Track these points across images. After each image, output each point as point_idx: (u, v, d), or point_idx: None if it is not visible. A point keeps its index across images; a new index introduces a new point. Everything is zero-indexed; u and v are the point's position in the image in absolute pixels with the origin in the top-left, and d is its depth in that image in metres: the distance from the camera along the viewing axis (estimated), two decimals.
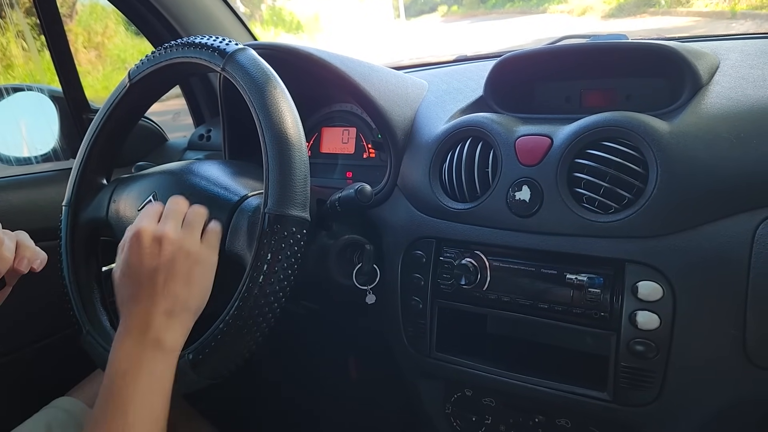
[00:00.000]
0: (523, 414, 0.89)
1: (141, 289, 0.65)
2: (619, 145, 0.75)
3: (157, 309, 0.64)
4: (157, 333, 0.63)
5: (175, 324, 0.65)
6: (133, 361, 0.62)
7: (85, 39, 6.50)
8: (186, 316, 0.66)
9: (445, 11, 15.77)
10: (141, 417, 0.59)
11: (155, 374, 0.62)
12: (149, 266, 0.66)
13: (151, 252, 0.67)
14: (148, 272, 0.66)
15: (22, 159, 1.35)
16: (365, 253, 0.87)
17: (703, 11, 7.38)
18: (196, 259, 0.68)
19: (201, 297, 0.68)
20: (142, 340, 0.63)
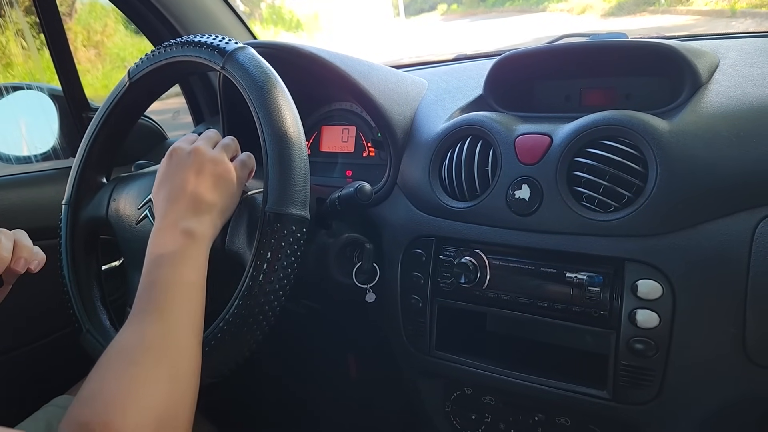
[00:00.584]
0: (522, 412, 0.89)
1: (173, 192, 0.71)
2: (618, 143, 0.75)
3: (188, 206, 0.70)
4: (187, 225, 0.68)
5: (203, 219, 0.70)
6: (167, 248, 0.66)
7: (85, 38, 6.49)
8: (214, 214, 0.71)
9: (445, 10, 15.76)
10: (179, 296, 0.63)
11: (187, 257, 0.66)
12: (181, 173, 0.72)
13: (184, 162, 0.73)
14: (180, 178, 0.72)
15: (21, 158, 1.35)
16: (365, 251, 0.87)
17: (702, 10, 7.37)
18: (225, 169, 0.73)
19: (227, 202, 0.73)
20: (174, 231, 0.68)
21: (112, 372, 0.56)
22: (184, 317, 0.62)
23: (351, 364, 1.33)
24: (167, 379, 0.57)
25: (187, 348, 0.61)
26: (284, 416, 1.45)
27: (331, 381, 1.38)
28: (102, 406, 0.52)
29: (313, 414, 1.42)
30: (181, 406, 0.57)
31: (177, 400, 0.57)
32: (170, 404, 0.55)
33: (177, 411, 0.56)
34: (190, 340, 0.62)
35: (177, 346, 0.60)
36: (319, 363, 1.37)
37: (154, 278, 0.64)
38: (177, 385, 0.58)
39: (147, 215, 0.86)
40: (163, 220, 0.69)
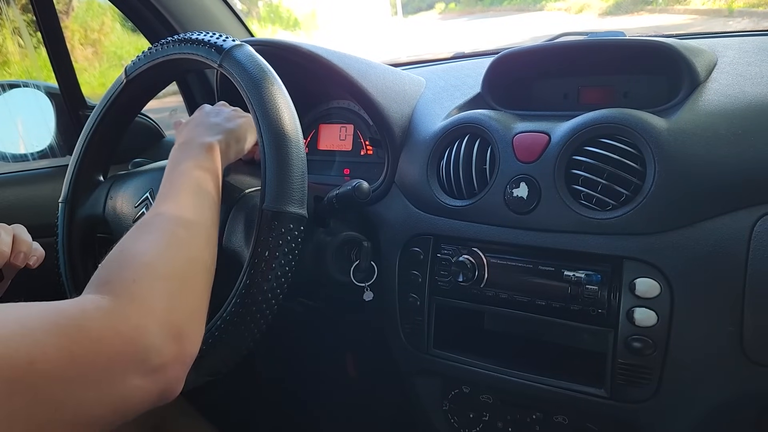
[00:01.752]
0: (520, 410, 0.89)
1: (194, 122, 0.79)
2: (616, 142, 0.75)
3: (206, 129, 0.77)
4: (205, 140, 0.74)
5: (220, 137, 0.76)
6: (184, 156, 0.72)
7: (82, 36, 6.48)
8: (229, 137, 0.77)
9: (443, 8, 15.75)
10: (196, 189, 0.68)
11: (203, 161, 0.71)
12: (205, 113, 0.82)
13: (210, 108, 0.83)
14: (203, 114, 0.81)
15: (18, 156, 1.35)
16: (363, 250, 0.87)
17: (700, 9, 7.38)
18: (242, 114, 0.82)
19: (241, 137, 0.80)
20: (191, 144, 0.74)
21: (130, 239, 0.60)
22: (200, 198, 0.67)
23: (349, 362, 1.33)
24: (183, 243, 0.60)
25: (202, 219, 0.65)
26: (282, 413, 1.45)
27: (328, 379, 1.38)
28: (118, 263, 0.56)
29: (310, 411, 1.42)
30: (197, 268, 0.60)
31: (193, 261, 0.60)
32: (185, 264, 0.59)
33: (192, 271, 0.59)
34: (204, 214, 0.66)
35: (192, 216, 0.64)
36: (316, 361, 1.37)
37: (173, 176, 0.69)
38: (193, 249, 0.61)
39: (144, 213, 0.85)
40: (182, 138, 0.76)
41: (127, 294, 0.51)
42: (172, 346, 0.51)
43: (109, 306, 0.49)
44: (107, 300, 0.50)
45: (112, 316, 0.49)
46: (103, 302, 0.50)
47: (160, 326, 0.51)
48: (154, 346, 0.50)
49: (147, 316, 0.50)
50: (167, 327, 0.51)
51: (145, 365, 0.49)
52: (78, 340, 0.45)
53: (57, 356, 0.43)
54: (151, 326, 0.50)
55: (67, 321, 0.46)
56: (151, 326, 0.50)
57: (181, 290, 0.56)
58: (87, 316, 0.47)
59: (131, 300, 0.51)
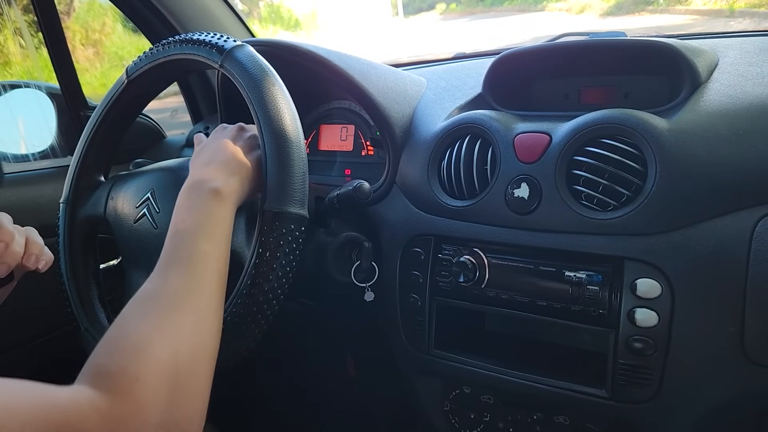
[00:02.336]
0: (521, 411, 0.89)
1: (208, 154, 0.73)
2: (617, 142, 0.75)
3: (219, 167, 0.71)
4: (215, 184, 0.68)
5: (232, 179, 0.70)
6: (194, 204, 0.67)
7: (83, 36, 6.48)
8: (243, 176, 0.72)
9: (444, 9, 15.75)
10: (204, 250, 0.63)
11: (213, 213, 0.66)
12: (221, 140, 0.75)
13: (226, 132, 0.77)
14: (219, 143, 0.74)
15: (19, 156, 1.35)
16: (364, 250, 0.87)
17: (701, 9, 7.38)
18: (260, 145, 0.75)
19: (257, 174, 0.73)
20: (201, 190, 0.68)
21: (133, 318, 0.55)
22: (209, 270, 0.62)
23: (349, 362, 1.33)
24: (188, 329, 0.56)
25: (210, 300, 0.61)
26: (282, 414, 1.45)
27: (329, 380, 1.38)
28: (120, 351, 0.51)
29: (311, 412, 1.42)
30: (201, 359, 0.56)
31: (197, 352, 0.56)
32: (190, 355, 0.55)
33: (196, 363, 0.55)
34: (213, 292, 0.61)
35: (200, 296, 0.59)
36: (317, 361, 1.37)
37: (179, 231, 0.64)
38: (197, 337, 0.57)
39: (145, 214, 0.85)
40: (193, 177, 0.71)
41: (128, 395, 0.48)
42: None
43: (107, 408, 0.46)
44: (105, 400, 0.47)
45: (109, 421, 0.46)
46: (101, 403, 0.46)
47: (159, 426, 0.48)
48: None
49: (147, 422, 0.48)
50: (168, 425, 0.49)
51: None
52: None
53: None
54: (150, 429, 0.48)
55: (60, 417, 0.44)
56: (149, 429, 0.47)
57: (185, 385, 0.53)
58: (82, 417, 0.44)
59: (131, 402, 0.48)
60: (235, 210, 0.70)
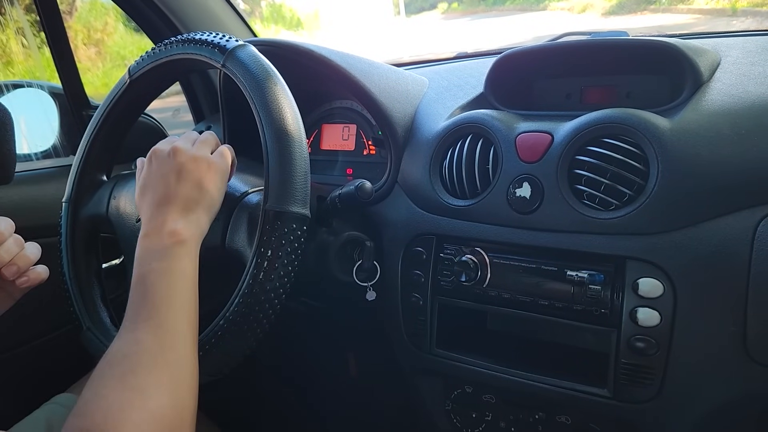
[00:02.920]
0: (523, 411, 0.89)
1: (156, 195, 0.70)
2: (619, 141, 0.75)
3: (171, 208, 0.68)
4: (173, 226, 0.66)
5: (189, 218, 0.68)
6: (153, 255, 0.64)
7: (85, 36, 6.49)
8: (200, 212, 0.69)
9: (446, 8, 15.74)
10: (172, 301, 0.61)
11: (177, 259, 0.64)
12: (163, 174, 0.71)
13: (165, 164, 0.71)
14: (163, 181, 0.70)
15: (22, 156, 1.35)
16: (365, 249, 0.87)
17: (703, 8, 7.36)
18: (207, 164, 0.71)
19: (213, 198, 0.71)
20: (160, 235, 0.66)
21: (108, 381, 0.54)
22: (179, 322, 0.61)
23: (351, 362, 1.33)
24: (166, 386, 0.55)
25: (184, 353, 0.59)
26: (284, 413, 1.45)
27: (331, 379, 1.38)
28: (101, 415, 0.51)
29: (313, 411, 1.42)
30: (182, 412, 0.56)
31: (177, 406, 0.55)
32: (170, 411, 0.54)
33: (178, 417, 0.55)
34: (186, 344, 0.60)
35: (173, 351, 0.58)
36: (319, 361, 1.37)
37: (144, 285, 0.62)
38: (176, 392, 0.56)
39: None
40: (149, 224, 0.68)
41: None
42: None
43: None
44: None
45: None
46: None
47: None
48: None
49: None
50: None
51: None
52: None
53: None
54: None
55: None
56: None
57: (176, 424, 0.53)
58: None
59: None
60: (198, 249, 0.68)
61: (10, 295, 0.76)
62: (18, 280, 0.73)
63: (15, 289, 0.74)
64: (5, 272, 0.72)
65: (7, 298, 0.76)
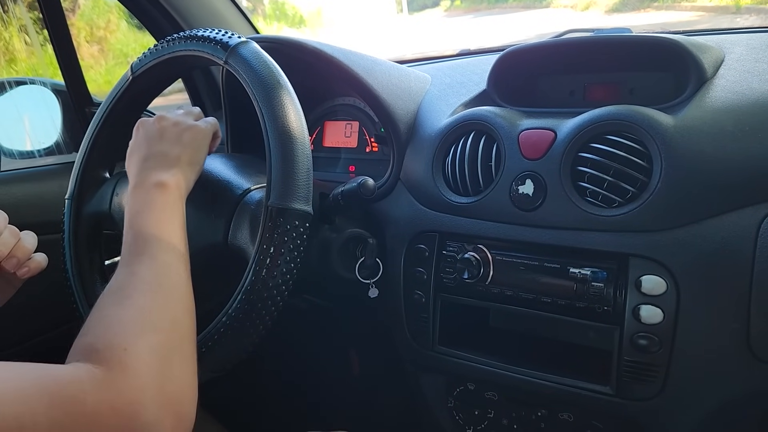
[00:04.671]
0: (525, 408, 0.89)
1: (140, 153, 0.75)
2: (623, 138, 0.74)
3: (154, 163, 0.72)
4: (158, 178, 0.70)
5: (172, 171, 0.72)
6: (143, 201, 0.68)
7: (88, 33, 6.49)
8: (183, 166, 0.73)
9: (448, 6, 15.72)
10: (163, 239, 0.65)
11: (163, 205, 0.68)
12: (147, 136, 0.76)
13: (150, 129, 0.77)
14: (147, 140, 0.76)
15: (25, 152, 1.35)
16: (368, 246, 0.87)
17: (707, 6, 7.34)
18: (187, 126, 0.77)
19: (193, 153, 0.75)
20: (146, 186, 0.70)
21: (107, 305, 0.57)
22: (170, 255, 0.64)
23: (353, 359, 1.33)
24: (162, 306, 0.58)
25: (177, 280, 0.62)
26: (286, 410, 1.45)
27: (333, 376, 1.38)
28: (103, 330, 0.53)
29: (315, 408, 1.42)
30: (180, 330, 0.58)
31: (175, 322, 0.58)
32: (168, 326, 0.57)
33: (177, 334, 0.57)
34: (179, 273, 0.63)
35: (167, 278, 0.61)
36: (321, 358, 1.37)
37: (136, 228, 0.66)
38: (172, 311, 0.59)
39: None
40: (136, 179, 0.72)
41: (120, 365, 0.49)
42: (169, 420, 0.50)
43: (103, 377, 0.48)
44: (100, 371, 0.48)
45: (107, 390, 0.47)
46: (98, 373, 0.48)
47: (155, 400, 0.49)
48: (150, 423, 0.48)
49: (142, 390, 0.49)
50: (163, 400, 0.50)
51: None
52: (71, 413, 0.44)
53: (48, 426, 0.42)
54: (147, 401, 0.48)
55: (61, 390, 0.45)
56: (147, 401, 0.48)
57: (171, 357, 0.54)
58: (82, 388, 0.46)
59: (124, 372, 0.49)
60: (184, 199, 0.72)
61: (11, 284, 0.76)
62: (19, 271, 0.74)
63: (15, 278, 0.75)
64: (5, 265, 0.72)
65: (8, 287, 0.76)
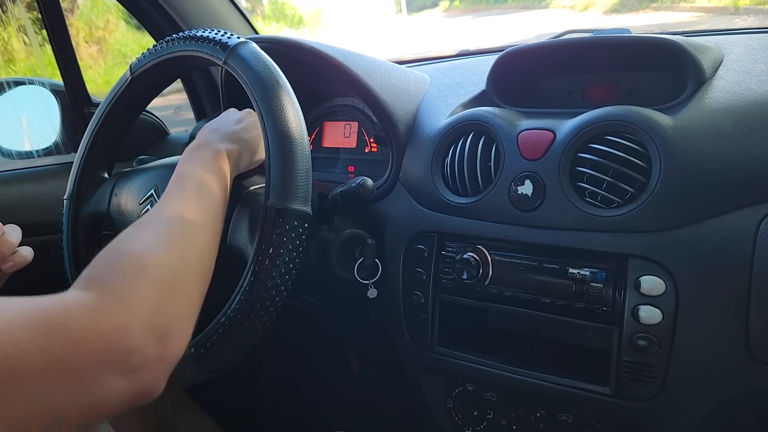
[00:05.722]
0: (524, 408, 0.89)
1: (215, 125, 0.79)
2: (622, 139, 0.74)
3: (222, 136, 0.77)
4: (220, 146, 0.74)
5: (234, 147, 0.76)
6: (193, 156, 0.73)
7: (87, 33, 6.49)
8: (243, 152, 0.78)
9: (447, 6, 15.74)
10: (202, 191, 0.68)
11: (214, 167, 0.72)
12: (228, 118, 0.81)
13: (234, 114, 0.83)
14: (226, 120, 0.81)
15: (23, 153, 1.35)
16: (367, 247, 0.87)
17: (706, 6, 7.35)
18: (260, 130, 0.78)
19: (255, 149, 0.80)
20: (204, 147, 0.74)
21: (122, 239, 0.58)
22: (206, 200, 0.67)
23: (352, 359, 1.33)
24: (178, 244, 0.59)
25: (201, 225, 0.64)
26: (285, 411, 1.45)
27: (332, 377, 1.38)
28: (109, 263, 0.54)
29: (314, 409, 1.42)
30: (190, 272, 0.58)
31: (184, 272, 0.58)
32: (176, 274, 0.56)
33: (184, 275, 0.57)
34: (204, 219, 0.65)
35: (190, 221, 0.63)
36: (320, 359, 1.37)
37: (178, 174, 0.69)
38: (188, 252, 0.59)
39: (149, 210, 0.86)
40: (198, 140, 0.76)
41: (114, 293, 0.50)
42: (154, 347, 0.50)
43: (94, 304, 0.48)
44: (92, 297, 0.48)
45: (95, 315, 0.47)
46: (88, 299, 0.48)
47: (143, 327, 0.49)
48: (135, 348, 0.48)
49: (131, 317, 0.49)
50: (151, 328, 0.50)
51: (123, 366, 0.47)
52: (57, 340, 0.44)
53: (33, 354, 0.42)
54: (135, 327, 0.48)
55: (47, 318, 0.45)
56: (134, 327, 0.48)
57: (171, 293, 0.54)
58: (70, 315, 0.46)
59: (117, 299, 0.49)
60: (233, 173, 0.75)
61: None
62: (3, 265, 0.73)
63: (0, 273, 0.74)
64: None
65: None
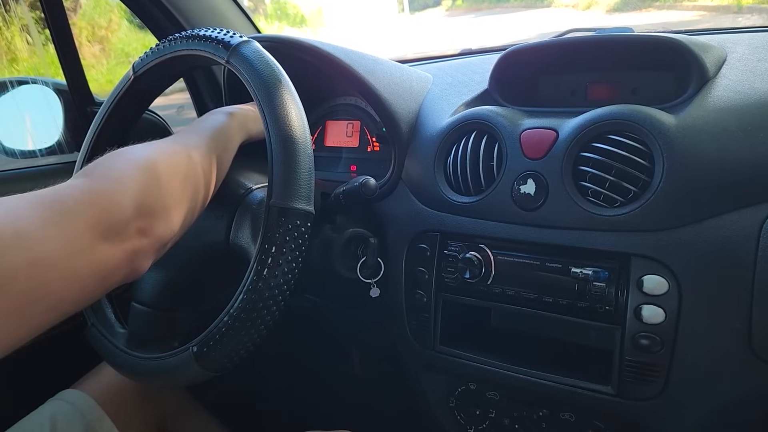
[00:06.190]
0: (527, 408, 0.89)
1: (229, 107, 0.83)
2: (625, 138, 0.74)
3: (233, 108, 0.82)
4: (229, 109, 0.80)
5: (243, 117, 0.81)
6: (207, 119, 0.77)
7: (89, 33, 6.50)
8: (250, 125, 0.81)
9: (450, 5, 15.73)
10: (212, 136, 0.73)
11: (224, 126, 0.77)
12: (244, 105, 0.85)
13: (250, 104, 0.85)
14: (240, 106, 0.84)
15: (26, 152, 1.35)
16: (369, 246, 0.87)
17: (709, 5, 7.34)
18: None
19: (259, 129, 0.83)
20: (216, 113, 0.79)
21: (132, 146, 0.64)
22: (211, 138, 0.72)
23: (355, 359, 1.33)
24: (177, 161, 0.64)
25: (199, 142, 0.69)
26: (287, 410, 1.45)
27: (335, 376, 1.38)
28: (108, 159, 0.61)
29: (316, 408, 1.42)
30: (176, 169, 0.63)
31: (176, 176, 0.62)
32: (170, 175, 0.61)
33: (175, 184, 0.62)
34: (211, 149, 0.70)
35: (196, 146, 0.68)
36: (323, 358, 1.37)
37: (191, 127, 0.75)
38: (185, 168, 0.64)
39: None
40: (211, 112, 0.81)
41: (107, 178, 0.57)
42: (142, 221, 0.56)
43: (88, 185, 0.55)
44: (89, 180, 0.56)
45: (89, 192, 0.54)
46: (85, 182, 0.55)
47: (133, 203, 0.55)
48: (124, 219, 0.54)
49: (122, 195, 0.55)
50: (140, 206, 0.56)
51: (115, 236, 0.53)
52: (56, 210, 0.51)
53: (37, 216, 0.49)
54: (125, 202, 0.55)
55: (49, 195, 0.52)
56: (124, 202, 0.55)
57: (162, 186, 0.60)
58: (66, 193, 0.53)
59: (110, 183, 0.56)
60: (240, 137, 0.79)
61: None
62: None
63: None
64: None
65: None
